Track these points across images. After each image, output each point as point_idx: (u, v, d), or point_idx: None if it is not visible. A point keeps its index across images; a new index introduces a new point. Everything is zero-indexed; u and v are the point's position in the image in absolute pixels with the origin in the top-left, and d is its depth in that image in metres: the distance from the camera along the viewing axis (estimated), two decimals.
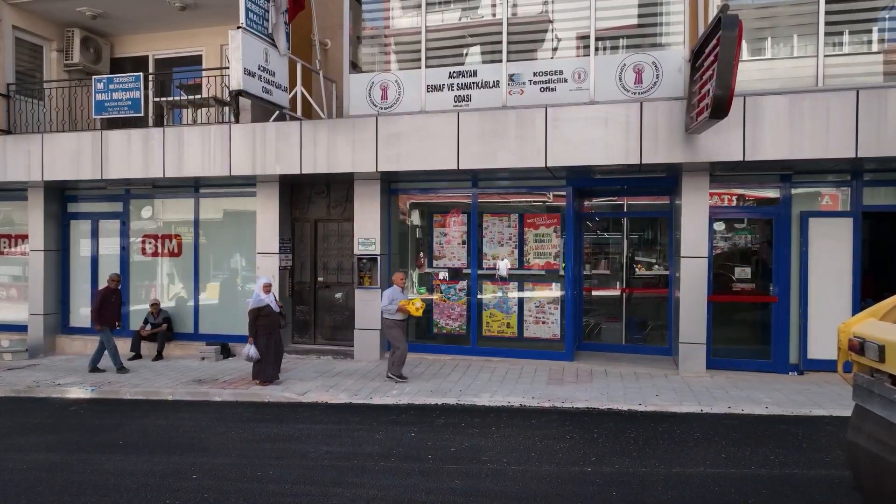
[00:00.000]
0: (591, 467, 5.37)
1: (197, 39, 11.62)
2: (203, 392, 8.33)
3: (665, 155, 8.11)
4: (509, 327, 9.98)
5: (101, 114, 10.43)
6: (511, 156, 8.61)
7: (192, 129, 10.05)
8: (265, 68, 8.56)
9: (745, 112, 7.82)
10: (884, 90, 7.57)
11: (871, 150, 7.52)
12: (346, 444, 6.17)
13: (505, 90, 8.96)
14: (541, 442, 6.07)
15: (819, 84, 8.04)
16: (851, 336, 3.64)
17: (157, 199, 11.54)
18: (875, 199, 8.58)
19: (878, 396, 3.28)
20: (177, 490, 5.06)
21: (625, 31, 8.90)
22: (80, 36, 11.45)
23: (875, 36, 8.27)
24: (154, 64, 11.97)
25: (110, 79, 10.41)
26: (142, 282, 11.64)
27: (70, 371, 9.87)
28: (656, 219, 10.56)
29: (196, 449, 6.16)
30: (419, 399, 7.68)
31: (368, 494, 4.87)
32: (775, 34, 8.64)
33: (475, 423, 6.74)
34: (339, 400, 7.80)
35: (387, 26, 9.92)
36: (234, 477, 5.33)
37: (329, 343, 10.75)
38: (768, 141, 7.79)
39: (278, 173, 9.56)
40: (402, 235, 10.78)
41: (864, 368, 3.58)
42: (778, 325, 8.65)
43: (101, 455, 6.04)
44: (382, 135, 9.06)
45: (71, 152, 10.42)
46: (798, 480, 4.99)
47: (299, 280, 10.95)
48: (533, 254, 9.96)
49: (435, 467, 5.43)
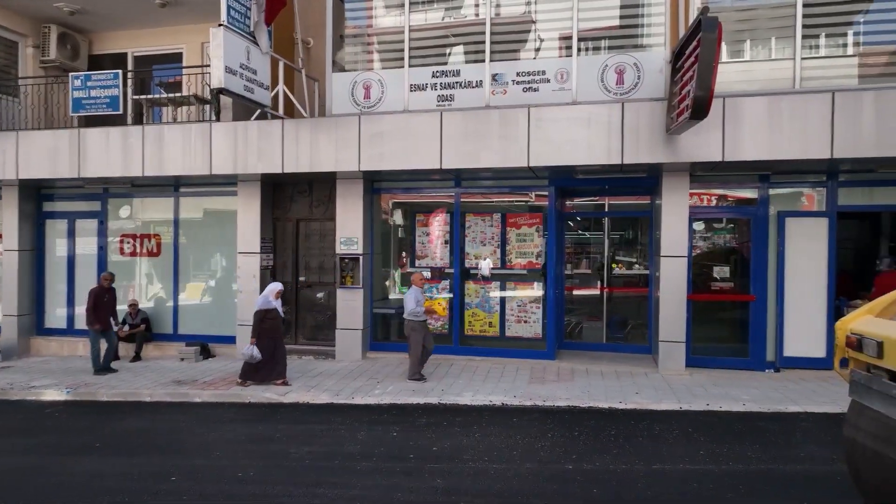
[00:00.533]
0: (571, 465, 5.40)
1: (177, 37, 11.47)
2: (183, 393, 8.24)
3: (646, 155, 8.19)
4: (491, 326, 10.00)
5: (79, 111, 10.26)
6: (494, 156, 8.63)
7: (173, 127, 9.93)
8: (247, 66, 8.49)
9: (725, 113, 7.92)
10: (859, 93, 7.72)
11: (846, 152, 7.66)
12: (327, 444, 6.14)
13: (488, 90, 8.98)
14: (522, 440, 6.10)
15: (796, 86, 8.17)
16: (849, 333, 3.70)
17: (137, 199, 11.38)
18: (850, 200, 8.73)
19: (877, 392, 3.34)
20: (155, 492, 5.00)
21: (607, 32, 8.97)
22: (57, 32, 11.25)
23: (850, 39, 8.42)
24: (133, 61, 11.81)
25: (88, 76, 10.25)
26: (120, 282, 11.40)
27: (46, 373, 9.70)
28: (637, 218, 10.66)
29: (175, 450, 6.09)
30: (401, 399, 7.67)
31: (350, 494, 4.86)
32: (754, 36, 8.76)
33: (457, 423, 6.74)
34: (321, 400, 7.76)
35: (370, 25, 9.89)
36: (215, 478, 5.28)
37: (311, 343, 10.68)
38: (747, 142, 7.90)
39: (260, 172, 9.49)
40: (385, 235, 10.76)
41: (860, 365, 3.64)
42: (755, 324, 8.77)
43: (77, 457, 5.95)
44: (365, 134, 9.03)
45: (47, 150, 10.24)
46: (775, 476, 5.07)
47: (281, 280, 10.81)
48: (515, 253, 10.00)
49: (417, 466, 5.43)
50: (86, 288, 11.37)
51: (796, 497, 4.66)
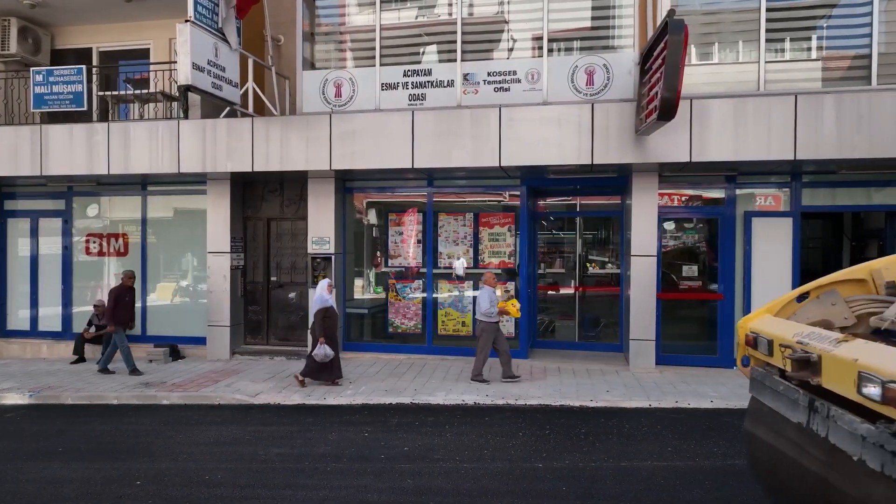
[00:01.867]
0: (542, 463, 5.44)
1: (144, 32, 11.24)
2: (151, 395, 8.08)
3: (616, 155, 8.28)
4: (465, 326, 10.02)
5: (41, 107, 10.01)
6: (466, 155, 8.64)
7: (139, 124, 9.74)
8: (215, 63, 8.37)
9: (692, 114, 8.05)
10: (820, 96, 7.91)
11: (808, 153, 7.85)
12: (297, 445, 6.08)
13: (460, 89, 8.99)
14: (494, 439, 6.12)
15: (761, 88, 8.34)
16: (748, 332, 3.79)
17: (103, 197, 11.13)
18: (814, 200, 8.94)
19: (769, 389, 3.44)
20: (119, 497, 4.90)
21: (577, 34, 9.05)
22: (17, 25, 10.92)
23: (814, 43, 8.63)
24: (98, 57, 11.53)
25: (51, 71, 9.99)
26: (87, 282, 11.21)
27: (6, 376, 9.42)
28: (609, 218, 10.77)
29: (141, 454, 5.97)
30: (374, 399, 7.63)
31: (319, 496, 4.81)
32: (721, 39, 8.92)
33: (429, 423, 6.74)
34: (293, 401, 7.68)
35: (342, 23, 9.83)
36: (181, 482, 5.18)
37: (282, 344, 10.58)
38: (713, 143, 8.04)
39: (230, 171, 9.35)
40: (358, 234, 10.70)
41: (759, 362, 3.75)
42: (723, 322, 8.93)
43: (38, 463, 5.79)
44: (336, 132, 8.97)
45: (8, 147, 9.96)
46: (739, 470, 5.17)
47: (252, 280, 10.74)
48: (488, 252, 10.03)
49: (388, 467, 5.41)
50: (50, 289, 11.19)
51: (760, 492, 4.75)
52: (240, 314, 10.56)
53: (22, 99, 10.70)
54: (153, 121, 9.78)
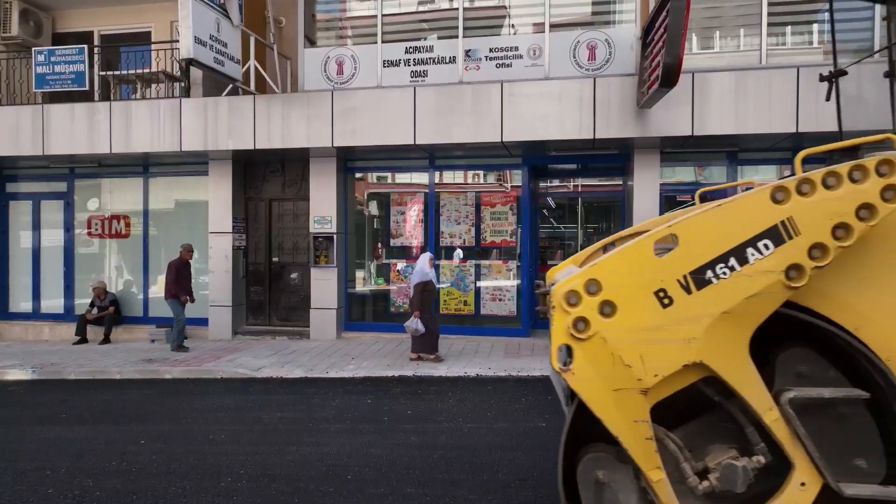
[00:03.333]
0: (545, 423, 5.44)
1: (145, 15, 11.21)
2: (153, 370, 8.09)
3: (617, 130, 8.27)
4: (466, 305, 10.01)
5: (43, 87, 9.99)
6: (467, 131, 8.64)
7: (141, 103, 9.74)
8: (217, 38, 8.36)
9: (694, 88, 8.04)
10: (822, 68, 7.88)
11: (810, 126, 7.84)
12: (300, 410, 6.08)
13: (461, 66, 8.99)
14: (497, 404, 6.12)
15: (763, 62, 8.34)
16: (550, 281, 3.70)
17: (105, 179, 11.12)
18: None
19: None
20: (123, 453, 4.90)
21: (579, 10, 9.05)
22: (18, 8, 10.91)
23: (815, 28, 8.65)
24: (100, 40, 11.49)
25: (52, 51, 9.98)
26: (88, 265, 11.21)
27: (8, 356, 9.41)
28: (610, 207, 10.78)
29: (144, 419, 5.97)
30: (376, 372, 7.63)
31: (323, 451, 4.82)
32: (722, 24, 8.91)
33: (431, 391, 6.74)
34: (295, 375, 7.68)
35: (343, 0, 9.82)
36: (184, 441, 5.19)
37: (284, 324, 10.57)
38: (715, 116, 8.03)
39: (231, 149, 9.34)
40: (359, 213, 10.69)
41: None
42: None
43: (41, 427, 5.80)
44: (338, 109, 8.96)
45: (9, 127, 9.95)
46: None
47: (253, 260, 10.74)
48: (490, 231, 10.02)
49: (391, 427, 5.42)
50: (52, 272, 11.18)
51: None
52: (241, 294, 10.55)
53: (24, 79, 10.70)
54: (155, 100, 9.76)
